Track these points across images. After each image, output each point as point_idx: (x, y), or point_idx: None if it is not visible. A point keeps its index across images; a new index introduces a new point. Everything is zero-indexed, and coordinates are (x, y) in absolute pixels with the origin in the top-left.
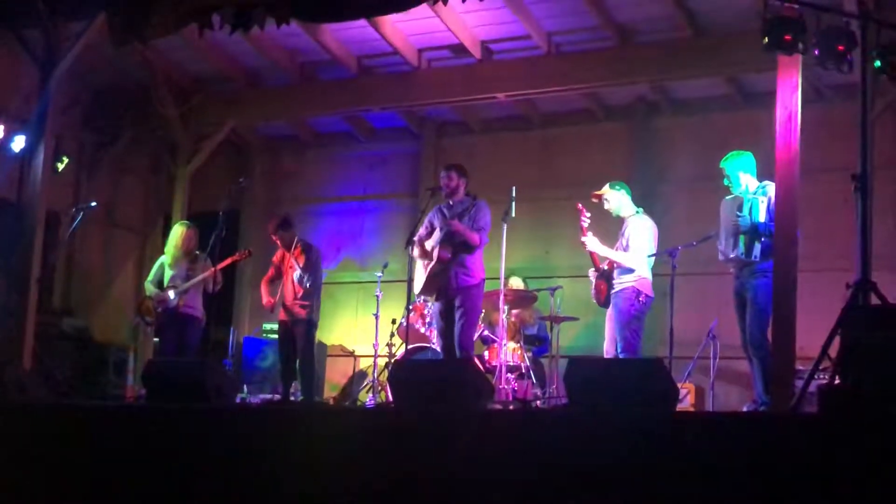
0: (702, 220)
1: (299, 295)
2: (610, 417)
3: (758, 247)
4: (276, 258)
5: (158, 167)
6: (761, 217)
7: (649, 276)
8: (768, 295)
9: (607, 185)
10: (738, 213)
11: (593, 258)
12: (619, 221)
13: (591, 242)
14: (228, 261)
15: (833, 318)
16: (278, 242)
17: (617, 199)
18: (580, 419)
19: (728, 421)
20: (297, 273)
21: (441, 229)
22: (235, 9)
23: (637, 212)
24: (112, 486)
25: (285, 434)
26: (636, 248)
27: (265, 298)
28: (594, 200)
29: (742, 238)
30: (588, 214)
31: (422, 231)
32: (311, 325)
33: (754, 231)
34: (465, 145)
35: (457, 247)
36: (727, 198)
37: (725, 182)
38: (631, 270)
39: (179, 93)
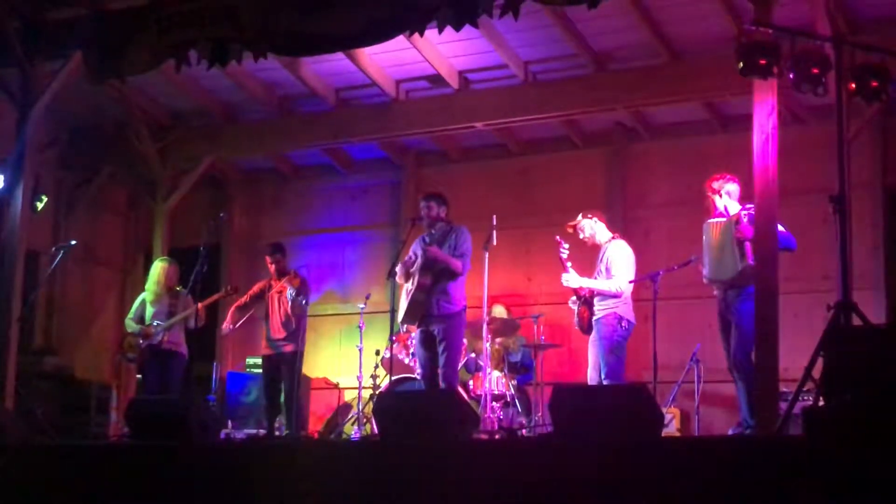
0: (682, 245)
1: (288, 325)
2: (596, 444)
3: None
4: (255, 289)
5: (137, 203)
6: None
7: (630, 301)
8: (754, 318)
9: (580, 215)
10: None
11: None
12: (596, 249)
13: (573, 280)
14: (213, 298)
15: (815, 338)
16: (273, 267)
17: (590, 227)
18: (566, 447)
19: (714, 445)
20: (290, 291)
21: (420, 256)
22: (212, 44)
23: (612, 238)
24: None
25: (271, 469)
26: (617, 273)
27: (227, 322)
28: (569, 231)
29: None
30: (566, 246)
31: (407, 259)
32: (297, 357)
33: None
34: (445, 174)
35: (437, 274)
36: (710, 220)
37: (707, 201)
38: (616, 296)
39: (157, 129)
